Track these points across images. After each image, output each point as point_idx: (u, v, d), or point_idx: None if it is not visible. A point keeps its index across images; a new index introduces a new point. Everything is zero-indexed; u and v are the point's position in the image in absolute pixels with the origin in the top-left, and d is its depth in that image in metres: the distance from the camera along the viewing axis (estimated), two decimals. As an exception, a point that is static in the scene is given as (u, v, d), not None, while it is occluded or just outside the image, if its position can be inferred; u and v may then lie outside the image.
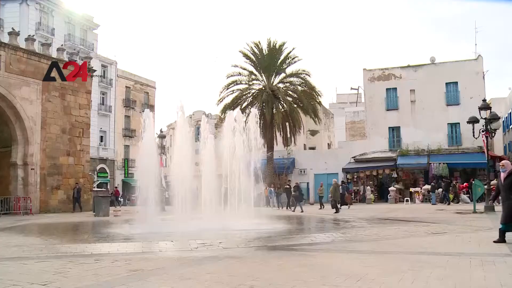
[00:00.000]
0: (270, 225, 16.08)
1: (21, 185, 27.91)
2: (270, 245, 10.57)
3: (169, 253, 9.84)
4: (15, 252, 10.06)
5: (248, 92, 40.05)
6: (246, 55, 40.08)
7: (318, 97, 40.71)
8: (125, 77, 58.65)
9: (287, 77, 40.57)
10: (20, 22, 43.94)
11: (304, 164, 42.47)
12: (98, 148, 51.86)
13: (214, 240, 10.87)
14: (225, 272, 7.26)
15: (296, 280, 6.43)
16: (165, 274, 7.18)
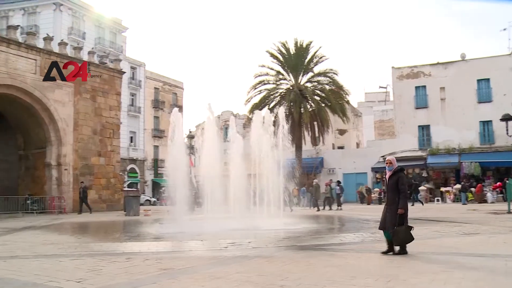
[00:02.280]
0: (299, 225, 16.05)
1: (55, 185, 28.62)
2: (299, 245, 10.56)
3: (199, 252, 9.94)
4: (51, 249, 10.34)
5: (276, 92, 40.05)
6: (273, 55, 40.09)
7: (346, 96, 40.45)
8: (154, 78, 59.44)
9: (314, 76, 40.41)
10: (54, 27, 45.14)
11: (333, 164, 42.26)
12: (128, 148, 52.67)
13: (243, 240, 10.92)
14: (254, 271, 7.28)
15: (326, 280, 6.41)
16: (195, 273, 7.23)
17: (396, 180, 8.59)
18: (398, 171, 8.72)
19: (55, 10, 47.39)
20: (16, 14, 47.86)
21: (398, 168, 8.77)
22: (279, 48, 39.82)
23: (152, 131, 58.21)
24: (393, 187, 8.59)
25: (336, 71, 39.91)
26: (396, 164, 8.84)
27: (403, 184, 8.55)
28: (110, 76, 32.63)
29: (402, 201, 8.45)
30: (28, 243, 11.88)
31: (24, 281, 6.53)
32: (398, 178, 8.60)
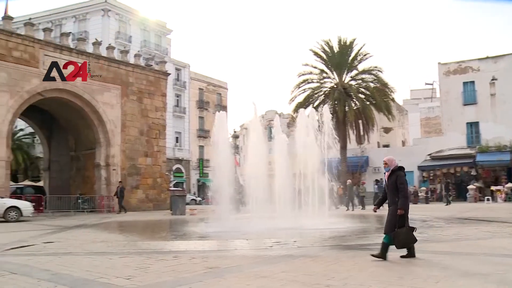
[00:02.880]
0: (344, 224, 15.91)
1: (104, 184, 29.47)
2: (345, 244, 10.47)
3: (244, 251, 10.00)
4: (101, 247, 10.67)
5: (320, 90, 39.75)
6: (316, 54, 39.81)
7: (391, 94, 39.68)
8: (198, 79, 60.17)
9: (358, 74, 39.89)
10: (102, 32, 46.52)
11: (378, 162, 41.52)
12: (173, 148, 53.52)
13: (288, 239, 10.92)
14: (300, 271, 7.26)
15: (373, 280, 6.33)
16: (241, 272, 7.28)
17: (395, 179, 8.21)
18: (396, 170, 8.34)
19: (103, 16, 48.84)
20: (68, 22, 49.68)
21: (396, 167, 8.37)
22: (323, 46, 39.52)
23: (197, 131, 58.95)
24: (392, 187, 8.21)
25: (381, 68, 39.25)
26: (394, 164, 8.41)
27: (402, 183, 8.13)
28: (155, 78, 33.28)
29: (401, 201, 8.03)
30: (79, 240, 12.30)
31: (76, 277, 6.77)
32: (396, 177, 8.22)
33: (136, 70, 31.80)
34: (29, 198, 24.96)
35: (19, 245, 10.92)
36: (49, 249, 10.41)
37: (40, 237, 13.05)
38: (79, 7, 49.98)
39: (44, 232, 14.75)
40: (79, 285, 6.26)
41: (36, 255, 9.29)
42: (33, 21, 30.31)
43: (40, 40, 26.80)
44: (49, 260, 8.48)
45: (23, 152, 46.76)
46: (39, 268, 7.60)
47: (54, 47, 27.16)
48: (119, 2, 50.39)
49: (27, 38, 25.92)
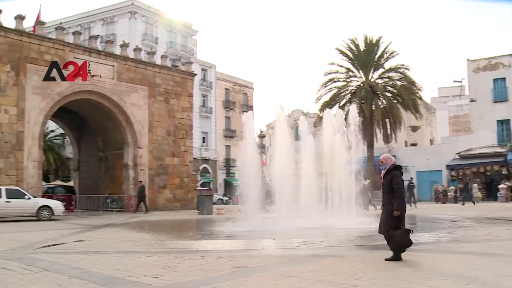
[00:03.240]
0: (372, 224, 15.75)
1: (132, 184, 29.85)
2: (372, 244, 10.37)
3: (271, 250, 10.01)
4: (129, 246, 10.83)
5: (346, 89, 39.50)
6: (342, 52, 39.57)
7: (419, 92, 39.22)
8: (224, 79, 60.43)
9: (385, 72, 39.51)
10: (129, 34, 47.23)
11: (406, 161, 41.02)
12: (200, 148, 53.87)
13: (315, 239, 10.89)
14: (327, 270, 7.23)
15: (401, 280, 6.26)
16: (268, 271, 7.28)
17: (390, 179, 7.91)
18: (392, 169, 8.02)
19: (130, 18, 49.54)
20: (97, 25, 50.62)
21: (392, 166, 8.06)
22: (349, 45, 39.27)
23: (224, 131, 59.22)
24: (388, 187, 7.92)
25: (408, 66, 38.82)
26: (390, 163, 8.10)
27: (397, 183, 7.81)
28: (182, 78, 33.56)
29: (397, 202, 7.73)
30: (108, 239, 12.51)
31: (106, 275, 6.89)
32: (392, 176, 7.92)
33: (163, 71, 32.14)
34: (60, 197, 25.53)
35: (51, 243, 11.18)
36: (80, 247, 10.63)
37: (71, 236, 13.33)
38: (107, 10, 50.84)
39: (74, 231, 15.06)
40: (109, 283, 6.36)
41: (67, 253, 9.49)
42: (64, 25, 31.00)
43: (70, 44, 27.36)
44: (79, 258, 8.65)
45: (54, 152, 47.81)
46: (70, 266, 7.77)
47: (83, 50, 27.69)
48: (146, 4, 51.01)
49: (57, 41, 26.51)
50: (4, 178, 23.41)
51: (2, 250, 10.16)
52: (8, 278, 6.87)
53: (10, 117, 24.04)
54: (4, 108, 23.88)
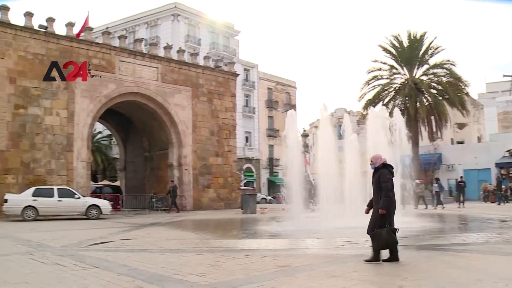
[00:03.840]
0: (418, 224, 15.46)
1: (177, 184, 30.31)
2: (418, 244, 10.20)
3: (315, 250, 9.98)
4: (174, 244, 11.02)
5: (390, 87, 38.84)
6: (385, 49, 38.93)
7: (465, 88, 38.04)
8: (267, 79, 60.49)
9: (430, 68, 38.59)
10: (173, 36, 47.99)
11: (452, 160, 40.03)
12: (244, 148, 54.14)
13: (360, 238, 10.75)
14: (372, 271, 7.16)
15: (448, 282, 6.13)
16: (312, 270, 7.27)
17: (378, 178, 7.86)
18: (380, 167, 7.97)
19: (173, 21, 50.36)
20: (141, 28, 51.73)
21: (381, 165, 8.00)
22: (392, 41, 38.58)
23: (267, 130, 59.32)
24: (376, 186, 7.88)
25: (454, 61, 37.73)
26: (380, 162, 8.05)
27: (384, 182, 7.75)
28: (225, 79, 33.85)
29: (383, 200, 7.68)
30: (154, 238, 12.78)
31: (153, 273, 7.04)
32: (379, 175, 7.86)
33: (206, 72, 32.51)
34: (107, 197, 26.24)
35: (100, 241, 11.53)
36: (127, 245, 10.90)
37: (118, 234, 13.70)
38: (150, 13, 51.86)
39: (122, 230, 15.45)
40: (155, 280, 6.49)
41: (115, 251, 9.77)
42: (110, 30, 31.94)
43: (116, 47, 28.12)
44: (127, 256, 8.87)
45: (101, 153, 49.21)
46: (118, 263, 7.99)
47: (128, 53, 28.39)
48: (188, 7, 51.71)
49: (104, 46, 27.31)
50: (56, 178, 24.34)
51: (56, 247, 10.58)
52: (62, 273, 7.16)
53: (61, 120, 24.96)
54: (56, 111, 24.82)
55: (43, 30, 25.05)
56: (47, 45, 24.86)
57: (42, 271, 7.46)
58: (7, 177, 23.07)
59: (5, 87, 23.36)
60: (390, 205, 7.77)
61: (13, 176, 23.27)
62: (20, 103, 23.76)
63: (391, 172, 7.98)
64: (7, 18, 23.87)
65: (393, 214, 7.86)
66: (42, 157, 24.24)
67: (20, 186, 22.90)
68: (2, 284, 6.50)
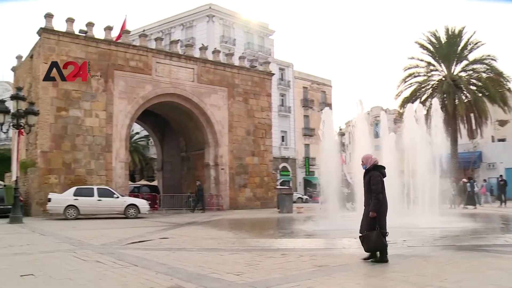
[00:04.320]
0: (457, 224, 15.12)
1: (214, 183, 30.62)
2: (458, 245, 9.96)
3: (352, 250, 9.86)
4: (211, 244, 11.11)
5: (427, 84, 38.07)
6: (422, 46, 38.15)
7: (507, 83, 36.79)
8: (302, 78, 60.30)
9: (469, 64, 37.58)
10: (208, 37, 48.39)
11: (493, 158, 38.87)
12: (279, 147, 54.11)
13: (397, 238, 10.60)
14: (411, 271, 7.04)
15: (491, 284, 5.97)
16: (350, 270, 7.22)
17: (368, 179, 7.77)
18: (371, 169, 7.87)
19: (208, 22, 50.79)
20: (177, 30, 52.41)
21: (372, 166, 7.90)
22: (429, 37, 37.78)
23: (303, 129, 59.15)
24: (367, 187, 7.82)
25: (494, 56, 36.54)
26: (371, 162, 7.96)
27: (374, 184, 7.66)
28: (260, 78, 33.92)
29: (373, 202, 7.62)
30: (191, 237, 12.92)
31: (190, 272, 7.12)
32: (370, 177, 7.77)
33: (241, 72, 32.66)
34: (145, 196, 26.67)
35: (138, 240, 11.74)
36: (164, 244, 11.05)
37: (156, 233, 13.90)
38: (186, 15, 52.44)
39: (159, 229, 15.67)
40: (192, 279, 6.56)
41: (153, 250, 9.93)
42: (146, 32, 32.41)
43: (153, 49, 28.59)
44: (165, 254, 9.00)
45: (139, 153, 50.09)
46: (156, 261, 8.12)
47: (164, 54, 28.81)
48: (222, 7, 52.05)
49: (141, 48, 27.82)
50: (96, 178, 24.96)
51: (96, 245, 10.84)
52: (102, 271, 7.34)
53: (100, 121, 25.57)
54: (95, 113, 25.46)
55: (83, 34, 25.76)
56: (86, 49, 25.55)
57: (83, 268, 7.67)
58: (50, 177, 23.86)
59: (48, 91, 24.16)
60: (380, 208, 7.71)
61: (55, 176, 24.03)
62: (62, 106, 24.53)
63: (382, 174, 7.92)
64: (51, 25, 24.71)
65: (384, 216, 7.81)
66: (83, 157, 24.91)
67: (62, 186, 23.63)
68: (48, 279, 6.71)
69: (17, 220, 18.44)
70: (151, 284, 6.22)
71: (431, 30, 38.05)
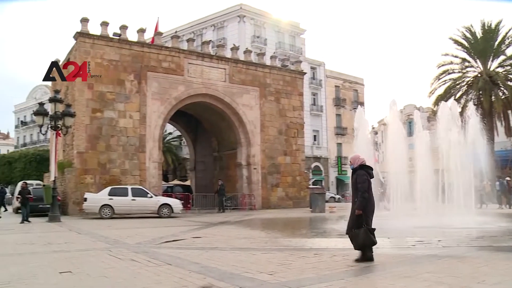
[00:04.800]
0: (494, 224, 14.76)
1: (246, 183, 30.74)
2: (496, 246, 9.72)
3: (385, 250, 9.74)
4: (244, 243, 11.16)
5: (462, 81, 37.27)
6: (457, 42, 37.36)
7: (547, 79, 35.72)
8: (334, 76, 59.90)
9: (506, 59, 36.61)
10: (239, 38, 48.61)
11: (532, 156, 37.65)
12: (312, 147, 53.91)
13: (432, 238, 10.44)
14: (446, 272, 6.90)
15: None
16: (383, 271, 7.14)
17: (355, 179, 7.92)
18: (358, 168, 8.00)
19: (239, 22, 50.97)
20: (208, 31, 52.80)
21: (358, 166, 8.03)
22: (464, 33, 36.97)
23: (335, 128, 58.76)
24: (354, 187, 7.96)
25: (535, 50, 35.55)
26: (358, 162, 8.08)
27: (360, 182, 7.79)
28: (292, 78, 33.87)
29: (359, 201, 7.76)
30: (224, 236, 13.01)
31: (223, 271, 7.17)
32: (356, 176, 7.91)
33: (273, 71, 32.68)
34: (178, 196, 26.96)
35: (172, 239, 11.90)
36: (197, 243, 11.16)
37: (189, 232, 14.05)
38: (217, 16, 52.75)
39: (192, 228, 15.83)
40: (225, 278, 6.59)
41: (187, 249, 10.04)
42: (178, 34, 32.80)
43: (185, 50, 28.91)
44: (198, 253, 9.09)
45: (172, 153, 50.68)
46: (189, 260, 8.21)
47: (196, 55, 29.08)
48: (253, 7, 52.14)
49: (173, 49, 28.18)
50: (130, 178, 25.40)
51: (131, 244, 11.05)
52: (137, 269, 7.48)
53: (133, 122, 26.01)
54: (129, 114, 25.91)
55: (117, 37, 26.24)
56: (120, 51, 26.04)
57: (118, 266, 7.82)
58: (86, 177, 24.41)
59: (84, 93, 24.74)
60: (366, 206, 7.82)
61: (91, 176, 24.57)
62: (97, 107, 25.07)
63: (369, 173, 8.02)
64: (86, 29, 25.32)
65: (371, 215, 7.94)
66: (117, 158, 25.38)
67: (97, 186, 24.15)
68: (85, 277, 6.88)
69: (55, 219, 19.05)
70: (184, 283, 6.29)
71: (466, 25, 37.29)
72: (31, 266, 7.81)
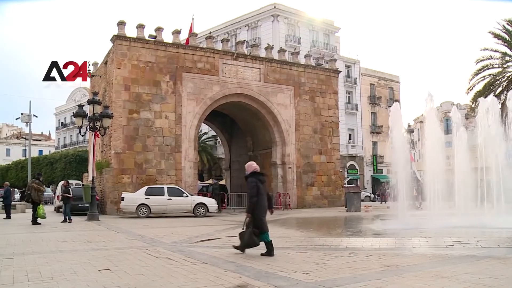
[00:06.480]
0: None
1: (281, 182, 30.74)
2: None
3: (422, 249, 9.64)
4: (279, 242, 11.14)
5: (502, 76, 36.08)
6: (497, 35, 36.17)
7: None
8: (369, 74, 59.25)
9: (549, 53, 35.29)
10: (273, 37, 48.58)
11: None
12: (347, 145, 53.48)
13: (470, 238, 10.22)
14: (485, 273, 6.76)
15: None
16: (420, 271, 7.05)
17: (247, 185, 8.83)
18: (248, 176, 8.88)
19: (273, 21, 50.93)
20: (242, 31, 52.99)
21: (249, 173, 8.91)
22: (504, 26, 35.75)
23: (370, 127, 58.11)
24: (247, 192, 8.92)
25: None
26: (250, 170, 8.98)
27: (249, 188, 8.72)
28: (326, 76, 33.68)
29: (247, 205, 8.90)
30: (259, 236, 13.02)
31: (258, 270, 7.23)
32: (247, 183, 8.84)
33: (307, 70, 32.57)
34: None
35: (207, 238, 12.04)
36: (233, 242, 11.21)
37: (224, 231, 14.18)
38: (251, 16, 52.84)
39: (227, 227, 15.96)
40: (261, 277, 6.65)
41: (222, 248, 10.15)
42: (213, 34, 33.13)
43: (219, 51, 29.15)
44: (233, 253, 9.17)
45: (207, 153, 51.14)
46: (225, 259, 8.30)
47: (231, 55, 29.26)
48: (287, 6, 51.99)
49: (208, 50, 28.43)
50: (166, 178, 25.79)
51: (167, 242, 11.23)
52: (173, 267, 7.61)
53: (169, 122, 26.39)
54: (165, 114, 26.31)
55: (152, 39, 26.68)
56: (156, 53, 26.46)
57: (155, 264, 7.97)
58: (123, 177, 24.90)
59: (121, 94, 25.26)
60: (254, 209, 8.68)
61: (128, 176, 25.05)
62: (133, 108, 25.54)
63: (260, 180, 8.86)
64: (123, 32, 25.84)
65: (260, 217, 8.74)
66: (153, 158, 25.80)
67: (134, 185, 24.62)
68: (123, 274, 7.05)
69: (94, 218, 19.54)
70: (220, 282, 6.37)
71: (507, 18, 36.09)
72: (71, 263, 8.06)
